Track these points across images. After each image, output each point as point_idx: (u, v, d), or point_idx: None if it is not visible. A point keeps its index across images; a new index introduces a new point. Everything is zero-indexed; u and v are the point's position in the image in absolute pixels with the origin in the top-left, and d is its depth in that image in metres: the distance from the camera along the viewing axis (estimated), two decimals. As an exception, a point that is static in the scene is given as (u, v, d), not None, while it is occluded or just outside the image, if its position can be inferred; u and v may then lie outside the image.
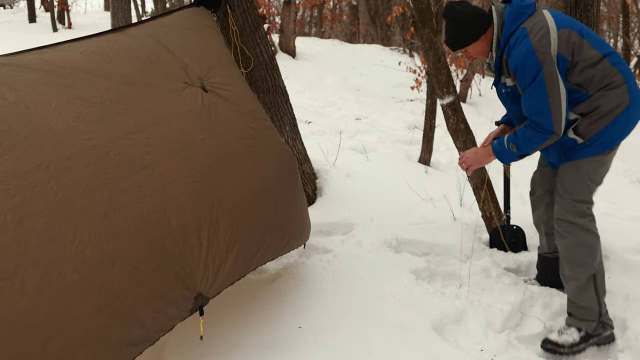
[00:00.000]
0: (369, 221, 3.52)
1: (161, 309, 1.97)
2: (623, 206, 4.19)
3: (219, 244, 2.17)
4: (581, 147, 2.45)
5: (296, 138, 3.80)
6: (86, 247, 1.80)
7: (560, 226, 2.54)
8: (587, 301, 2.50)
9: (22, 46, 2.24)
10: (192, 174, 2.17)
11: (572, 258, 2.53)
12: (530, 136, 2.42)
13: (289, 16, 11.02)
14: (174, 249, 2.02)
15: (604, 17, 13.19)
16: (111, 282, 1.83)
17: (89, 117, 2.04)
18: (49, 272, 1.71)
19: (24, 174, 1.79)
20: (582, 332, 2.48)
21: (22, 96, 1.96)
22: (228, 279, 2.24)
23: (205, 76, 2.45)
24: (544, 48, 2.33)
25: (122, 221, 1.91)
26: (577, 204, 2.50)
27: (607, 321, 2.53)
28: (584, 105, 2.41)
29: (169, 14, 2.71)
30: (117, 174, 1.98)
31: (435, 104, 5.04)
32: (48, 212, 1.77)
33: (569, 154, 2.50)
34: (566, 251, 2.54)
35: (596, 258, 2.52)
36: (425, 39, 3.36)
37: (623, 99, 2.40)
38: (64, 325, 1.71)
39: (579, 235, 2.50)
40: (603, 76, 2.38)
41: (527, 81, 2.36)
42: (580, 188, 2.51)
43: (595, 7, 2.91)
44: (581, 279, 2.50)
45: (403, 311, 2.58)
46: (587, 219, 2.52)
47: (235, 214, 2.26)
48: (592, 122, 2.41)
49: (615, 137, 2.45)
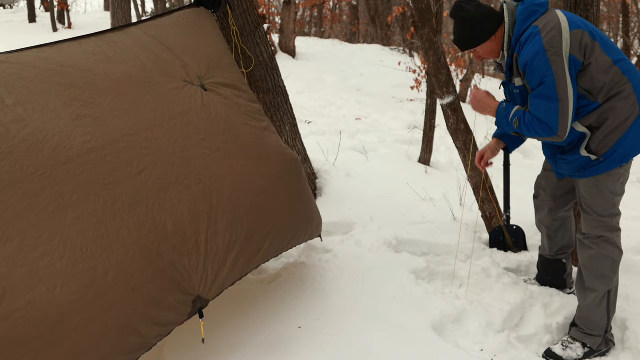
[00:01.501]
0: (369, 221, 3.52)
1: (158, 315, 1.96)
2: (623, 206, 4.19)
3: (218, 246, 2.15)
4: (595, 163, 2.39)
5: (296, 138, 3.80)
6: (77, 260, 1.79)
7: (586, 238, 2.49)
8: (598, 316, 2.47)
9: (22, 46, 2.24)
10: (190, 176, 2.15)
11: (594, 270, 2.47)
12: (535, 128, 2.34)
13: (289, 16, 11.02)
14: (170, 254, 2.00)
15: (604, 17, 13.18)
16: (104, 293, 1.81)
17: (87, 119, 2.03)
18: (37, 289, 1.70)
19: (18, 184, 1.78)
20: (586, 348, 2.46)
21: (20, 98, 1.95)
22: (228, 280, 2.23)
23: (205, 75, 2.45)
24: (555, 48, 2.25)
25: (115, 230, 1.89)
26: (605, 219, 2.46)
27: (611, 338, 2.51)
28: (592, 117, 2.34)
29: (169, 14, 2.71)
30: (113, 179, 1.96)
31: (435, 104, 5.04)
32: (38, 227, 1.76)
33: (584, 170, 2.43)
34: (589, 263, 2.48)
35: (616, 273, 2.49)
36: (425, 39, 3.36)
37: (633, 110, 2.32)
38: (55, 341, 1.70)
39: (605, 249, 2.46)
40: (613, 84, 2.31)
41: (536, 80, 2.29)
42: (604, 203, 2.46)
43: (595, 7, 2.90)
44: (599, 292, 2.46)
45: (403, 311, 2.58)
46: (616, 234, 2.49)
47: (234, 214, 2.25)
48: (603, 138, 2.34)
49: (628, 152, 2.38)
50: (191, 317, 2.10)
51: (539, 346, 2.51)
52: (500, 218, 3.33)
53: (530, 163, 6.17)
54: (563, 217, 2.78)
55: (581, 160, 2.41)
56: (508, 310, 2.64)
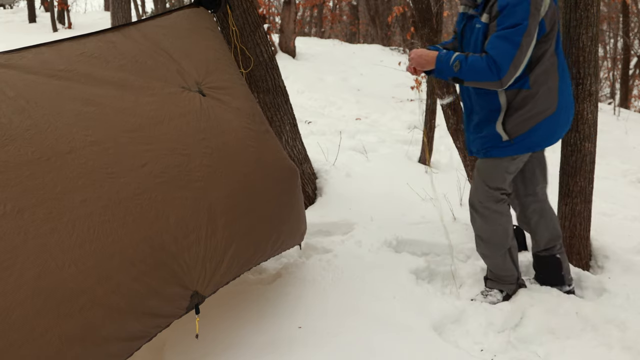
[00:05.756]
0: (369, 221, 3.52)
1: (156, 306, 1.98)
2: (623, 206, 4.19)
3: (216, 243, 2.17)
4: (505, 144, 2.53)
5: (296, 138, 3.80)
6: (85, 240, 1.81)
7: (475, 210, 2.69)
8: (506, 270, 2.73)
9: (21, 46, 2.24)
10: (190, 172, 2.17)
11: (487, 239, 2.70)
12: (480, 69, 2.37)
13: (289, 16, 11.02)
14: (172, 246, 2.02)
15: (604, 17, 13.18)
16: (108, 277, 1.83)
17: (88, 115, 2.05)
18: (47, 263, 1.71)
19: (24, 165, 1.79)
20: (504, 293, 2.74)
21: (22, 92, 1.97)
22: (224, 278, 2.25)
23: (203, 80, 2.45)
24: (538, 3, 2.33)
25: (120, 216, 1.91)
26: (494, 191, 2.63)
27: (523, 282, 2.81)
28: (519, 95, 2.46)
29: (168, 13, 2.70)
30: (117, 169, 1.98)
31: (435, 104, 5.04)
32: (48, 204, 1.78)
33: (491, 149, 2.58)
34: (482, 233, 2.71)
35: (509, 236, 2.70)
36: (425, 39, 3.36)
37: (552, 104, 2.48)
38: (61, 318, 1.71)
39: (494, 220, 2.66)
40: (546, 72, 2.45)
41: (509, 23, 2.33)
42: (497, 178, 2.63)
43: (595, 7, 2.90)
44: (497, 256, 2.71)
45: (403, 311, 2.58)
46: (501, 204, 2.65)
47: (232, 213, 2.26)
48: (520, 121, 2.49)
49: (539, 142, 2.55)
50: (188, 311, 2.12)
51: (539, 346, 2.51)
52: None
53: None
54: (537, 209, 2.82)
55: (493, 137, 2.56)
56: (508, 310, 2.64)
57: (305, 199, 3.85)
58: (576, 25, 2.92)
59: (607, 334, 2.54)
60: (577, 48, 2.93)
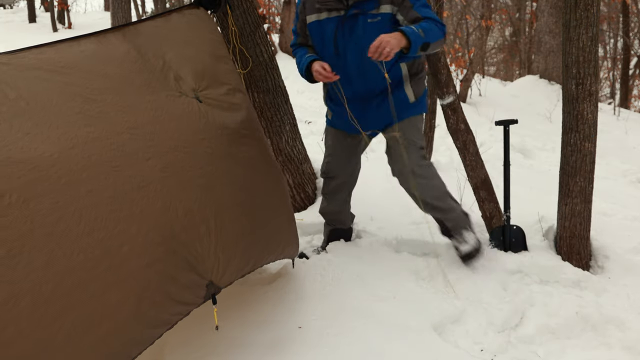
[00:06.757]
0: (369, 221, 3.52)
1: (175, 292, 1.98)
2: (623, 206, 4.19)
3: (227, 236, 2.19)
4: (413, 105, 2.88)
5: (296, 138, 3.80)
6: (93, 229, 1.81)
7: (417, 174, 2.84)
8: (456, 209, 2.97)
9: (22, 46, 2.24)
10: (193, 168, 2.20)
11: (438, 195, 2.91)
12: (435, 30, 2.66)
13: (289, 16, 11.02)
14: (183, 235, 2.03)
15: (604, 17, 13.18)
16: (120, 264, 1.83)
17: (89, 112, 2.06)
18: (55, 251, 1.71)
19: (27, 160, 1.80)
20: (468, 230, 2.98)
21: (22, 93, 1.98)
22: (238, 271, 2.26)
23: (199, 87, 2.47)
24: None
25: (127, 207, 1.92)
26: (422, 150, 2.90)
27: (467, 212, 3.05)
28: (415, 62, 2.85)
29: (167, 14, 2.69)
30: (122, 162, 1.99)
31: (435, 104, 5.03)
32: (54, 194, 1.78)
33: (403, 112, 2.83)
34: (431, 191, 2.89)
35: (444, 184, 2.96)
36: (425, 39, 3.36)
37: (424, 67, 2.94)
38: (73, 304, 1.71)
39: (433, 173, 2.91)
40: None
41: None
42: (420, 136, 2.94)
43: (595, 7, 2.90)
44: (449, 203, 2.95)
45: (403, 311, 2.58)
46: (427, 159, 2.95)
47: (236, 212, 2.28)
48: (419, 84, 2.88)
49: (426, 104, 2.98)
50: (206, 301, 2.12)
51: (539, 346, 2.51)
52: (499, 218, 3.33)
53: (530, 163, 6.18)
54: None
55: (401, 100, 2.83)
56: (508, 310, 2.64)
57: (305, 199, 3.86)
58: (576, 25, 2.92)
59: (607, 334, 2.55)
60: (577, 48, 2.93)
